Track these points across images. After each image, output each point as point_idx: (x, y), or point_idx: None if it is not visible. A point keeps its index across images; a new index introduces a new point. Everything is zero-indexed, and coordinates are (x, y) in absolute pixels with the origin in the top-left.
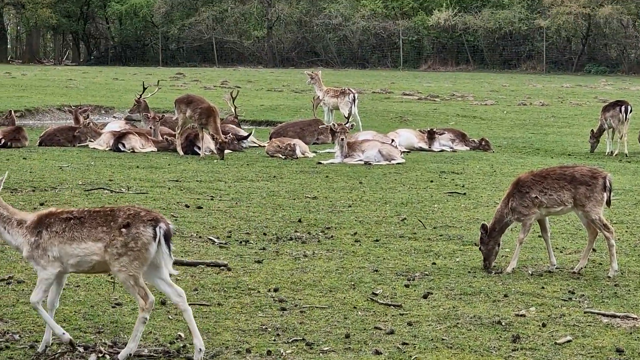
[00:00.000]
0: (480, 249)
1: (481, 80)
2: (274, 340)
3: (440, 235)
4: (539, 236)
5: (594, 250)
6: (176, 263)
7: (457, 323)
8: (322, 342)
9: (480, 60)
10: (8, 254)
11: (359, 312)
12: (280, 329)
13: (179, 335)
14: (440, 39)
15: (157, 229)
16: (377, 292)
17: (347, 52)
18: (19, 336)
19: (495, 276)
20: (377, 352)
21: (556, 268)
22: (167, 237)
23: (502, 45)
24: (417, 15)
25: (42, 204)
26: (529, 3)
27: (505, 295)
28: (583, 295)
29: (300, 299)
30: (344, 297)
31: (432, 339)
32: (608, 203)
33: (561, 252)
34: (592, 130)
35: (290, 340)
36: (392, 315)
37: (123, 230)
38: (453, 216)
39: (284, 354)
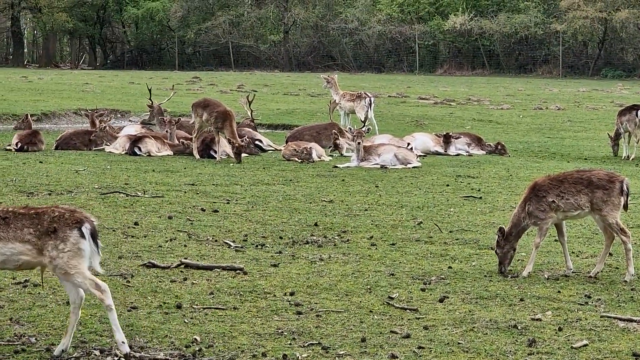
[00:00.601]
0: (496, 252)
1: (497, 85)
2: (290, 344)
3: (457, 239)
4: (555, 240)
5: (610, 254)
6: (192, 267)
7: (473, 327)
8: (338, 346)
9: (496, 64)
10: None
11: (375, 316)
12: (296, 332)
13: (195, 339)
14: (456, 43)
15: (84, 229)
16: (393, 296)
17: (363, 56)
18: (35, 339)
19: (512, 280)
20: (393, 356)
21: (572, 272)
22: (94, 235)
23: (518, 50)
24: (433, 20)
25: None
26: (545, 7)
27: (522, 299)
28: (599, 299)
29: (316, 303)
30: (360, 301)
31: (448, 343)
32: (625, 207)
33: (577, 256)
34: (608, 134)
35: (306, 344)
36: (408, 319)
37: (51, 235)
38: (469, 220)
39: (299, 357)
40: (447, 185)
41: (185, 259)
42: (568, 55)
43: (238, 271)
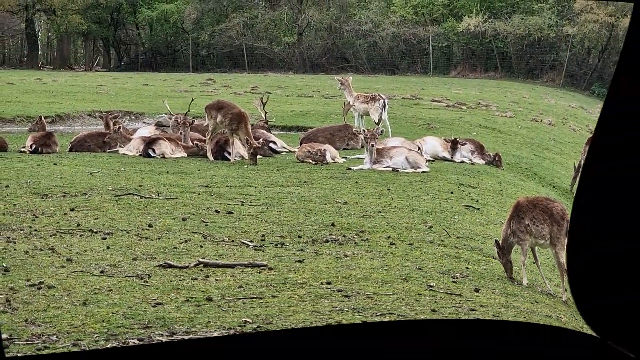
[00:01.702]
0: (499, 261)
1: (506, 90)
2: (355, 315)
3: (464, 245)
4: None
5: None
6: (212, 265)
7: None
8: (411, 317)
9: (508, 67)
10: (38, 259)
11: (428, 297)
12: (354, 309)
13: (245, 320)
14: (470, 45)
15: None
16: (432, 285)
17: (377, 58)
18: (56, 337)
19: (530, 279)
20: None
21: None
22: None
23: (530, 53)
24: (447, 22)
25: (72, 210)
26: (559, 9)
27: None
28: None
29: (359, 289)
30: (403, 287)
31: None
32: None
33: None
34: (574, 165)
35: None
36: (458, 302)
37: None
38: (470, 229)
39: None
40: (451, 192)
41: (203, 259)
42: (572, 63)
43: (262, 267)
